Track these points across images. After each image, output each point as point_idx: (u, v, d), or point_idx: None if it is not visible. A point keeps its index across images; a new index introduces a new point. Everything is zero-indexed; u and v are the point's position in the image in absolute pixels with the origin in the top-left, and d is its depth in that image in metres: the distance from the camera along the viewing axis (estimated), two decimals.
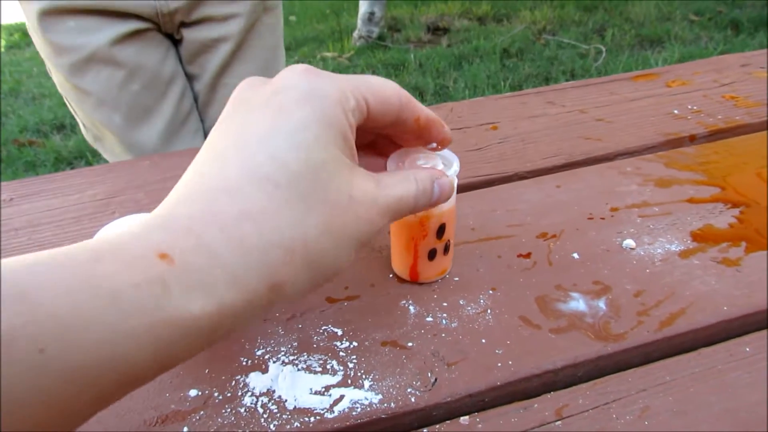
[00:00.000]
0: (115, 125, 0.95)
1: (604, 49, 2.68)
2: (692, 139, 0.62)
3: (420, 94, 2.41)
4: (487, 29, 3.35)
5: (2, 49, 3.67)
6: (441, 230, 0.41)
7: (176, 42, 0.98)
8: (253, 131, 0.27)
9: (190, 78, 1.01)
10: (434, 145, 0.37)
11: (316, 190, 0.26)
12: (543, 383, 0.37)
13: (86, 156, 2.07)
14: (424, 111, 0.34)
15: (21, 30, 3.91)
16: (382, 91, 0.31)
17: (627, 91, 0.74)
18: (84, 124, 1.01)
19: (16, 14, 4.18)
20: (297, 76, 0.28)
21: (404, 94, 0.32)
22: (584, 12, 3.46)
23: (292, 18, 4.23)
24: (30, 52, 3.56)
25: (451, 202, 0.40)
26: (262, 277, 0.25)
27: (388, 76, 2.67)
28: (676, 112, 0.67)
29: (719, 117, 0.65)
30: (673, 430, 0.32)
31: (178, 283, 0.23)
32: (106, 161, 1.13)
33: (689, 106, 0.68)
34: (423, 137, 0.35)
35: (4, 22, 4.07)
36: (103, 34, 0.88)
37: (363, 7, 3.35)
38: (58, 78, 0.94)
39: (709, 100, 0.70)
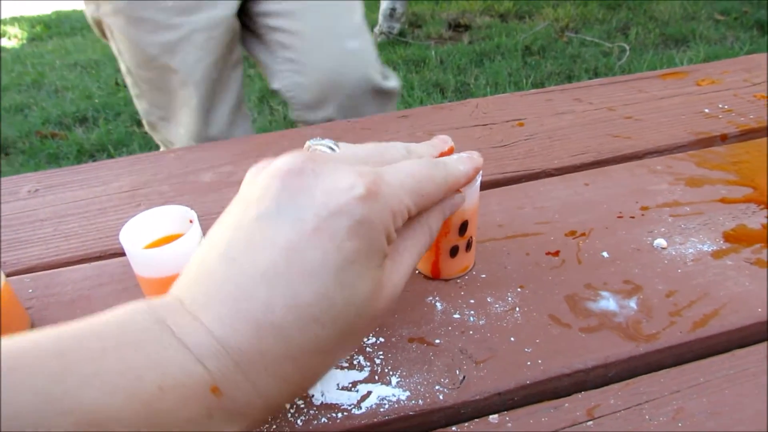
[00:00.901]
0: (193, 105, 0.98)
1: (627, 48, 2.65)
2: (723, 139, 0.61)
3: (441, 90, 2.40)
4: (509, 26, 3.33)
5: (24, 41, 3.71)
6: (463, 227, 0.40)
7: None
8: (300, 260, 0.25)
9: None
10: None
11: (355, 327, 0.27)
12: (573, 383, 0.36)
13: (108, 149, 2.09)
14: (461, 180, 0.34)
15: (43, 22, 3.96)
16: (428, 190, 0.31)
17: (656, 89, 0.73)
18: (150, 106, 1.03)
19: (38, 6, 4.23)
20: (352, 198, 0.27)
21: (449, 181, 0.33)
22: (608, 10, 3.42)
23: None
24: (53, 45, 3.60)
25: (474, 200, 0.40)
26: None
27: (408, 72, 2.66)
28: (706, 111, 0.66)
29: (751, 116, 0.64)
30: (707, 431, 0.32)
31: (221, 413, 0.24)
32: (128, 155, 1.14)
33: (720, 105, 0.67)
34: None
35: (26, 13, 4.12)
36: (201, 15, 0.91)
37: (384, 4, 3.34)
38: (137, 58, 0.96)
39: (740, 100, 0.68)
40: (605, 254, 0.45)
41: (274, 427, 0.33)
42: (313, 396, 0.35)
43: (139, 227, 0.40)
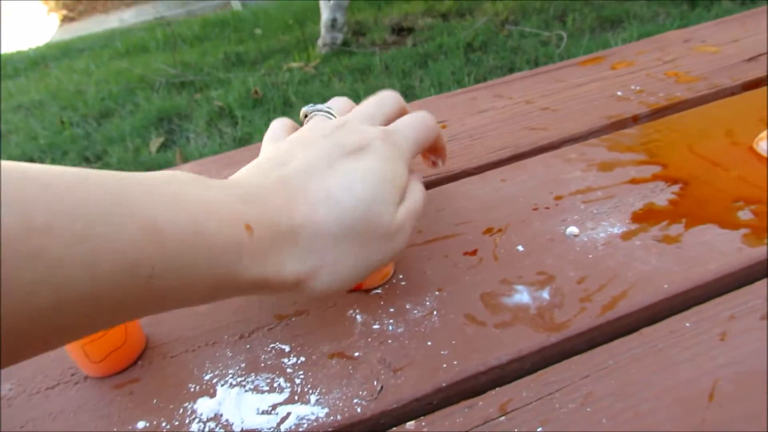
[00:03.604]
0: None
1: (565, 35, 2.70)
2: (635, 120, 0.63)
3: None
4: (451, 25, 3.37)
5: None
6: None
7: None
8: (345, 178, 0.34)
9: None
10: (440, 163, 0.49)
11: (375, 231, 0.35)
12: (490, 380, 0.37)
13: None
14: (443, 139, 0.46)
15: None
16: (426, 141, 0.42)
17: (573, 77, 0.74)
18: None
19: None
20: (379, 141, 0.37)
21: (437, 129, 0.44)
22: None
23: (258, 31, 4.22)
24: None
25: None
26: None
27: (354, 81, 2.67)
28: (619, 93, 0.68)
29: (661, 95, 0.66)
30: (615, 412, 0.33)
31: (251, 255, 0.29)
32: None
33: (632, 87, 0.69)
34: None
35: None
36: None
37: (325, 15, 3.35)
38: None
39: (651, 79, 0.70)
40: (520, 248, 0.46)
41: None
42: (233, 424, 0.35)
43: None
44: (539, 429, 0.32)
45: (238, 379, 0.38)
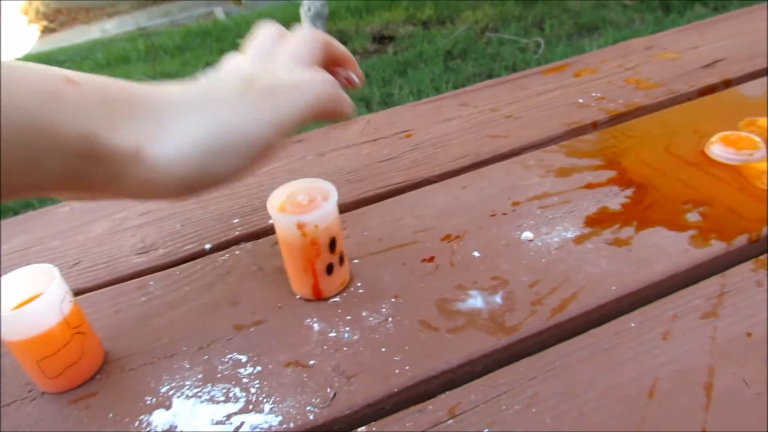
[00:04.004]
0: None
1: (542, 42, 2.73)
2: (594, 126, 0.64)
3: (366, 104, 2.43)
4: (431, 33, 3.39)
5: None
6: (332, 244, 0.42)
7: None
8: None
9: None
10: (354, 78, 0.43)
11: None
12: (441, 384, 0.38)
13: (33, 204, 2.04)
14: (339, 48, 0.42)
15: None
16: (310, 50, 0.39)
17: (537, 85, 0.76)
18: None
19: None
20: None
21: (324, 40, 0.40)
22: (524, 7, 3.52)
23: (240, 41, 4.21)
24: None
25: (335, 213, 0.42)
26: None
27: None
28: (580, 101, 0.69)
29: (620, 101, 0.67)
30: (560, 412, 0.34)
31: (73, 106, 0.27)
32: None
33: (594, 94, 0.71)
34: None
35: None
36: None
37: (305, 25, 3.37)
38: None
39: (612, 86, 0.72)
40: (476, 254, 0.47)
41: None
42: None
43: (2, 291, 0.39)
44: (485, 430, 0.33)
45: (195, 390, 0.38)
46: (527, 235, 0.48)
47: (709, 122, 0.59)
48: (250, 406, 0.37)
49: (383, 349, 0.39)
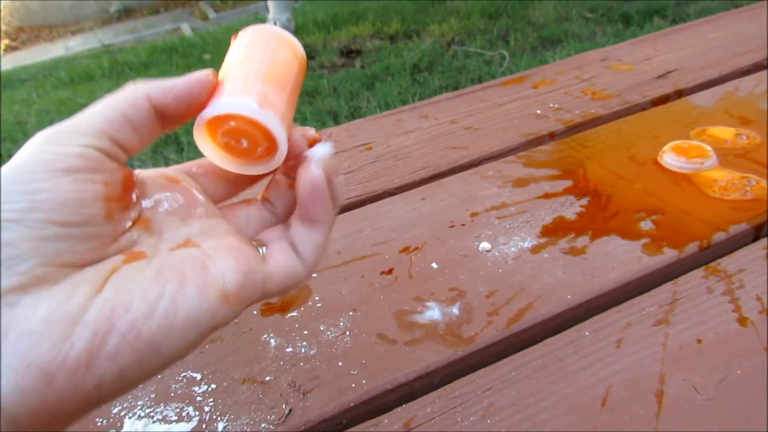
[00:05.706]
0: None
1: (507, 55, 2.78)
2: (552, 137, 0.65)
3: (334, 117, 2.43)
4: (398, 47, 3.41)
5: None
6: None
7: None
8: None
9: None
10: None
11: None
12: (399, 397, 0.37)
13: None
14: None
15: None
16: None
17: (496, 97, 0.77)
18: None
19: None
20: None
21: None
22: (489, 20, 3.58)
23: (207, 56, 4.19)
24: None
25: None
26: None
27: (302, 103, 2.68)
28: (538, 112, 0.70)
29: (576, 112, 0.69)
30: (514, 423, 0.34)
31: None
32: None
33: (551, 105, 0.72)
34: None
35: None
36: None
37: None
38: None
39: (569, 97, 0.73)
40: (435, 265, 0.47)
41: None
42: None
43: None
44: None
45: (147, 411, 0.37)
46: (485, 245, 0.48)
47: (662, 132, 0.61)
48: (204, 425, 0.36)
49: (340, 363, 0.39)
